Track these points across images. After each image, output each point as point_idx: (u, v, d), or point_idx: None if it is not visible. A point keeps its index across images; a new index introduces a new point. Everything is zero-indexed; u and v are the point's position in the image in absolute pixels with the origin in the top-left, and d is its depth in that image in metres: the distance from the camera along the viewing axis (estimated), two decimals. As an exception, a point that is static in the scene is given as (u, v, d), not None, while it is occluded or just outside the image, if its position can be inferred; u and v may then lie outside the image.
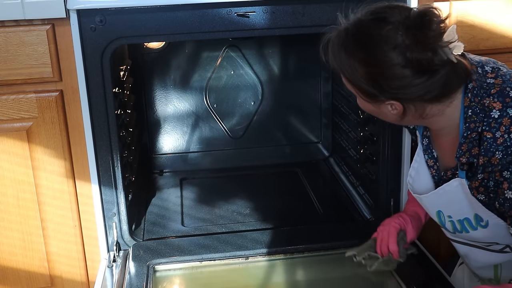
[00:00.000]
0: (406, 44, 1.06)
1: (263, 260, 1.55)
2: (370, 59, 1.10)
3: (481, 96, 1.13)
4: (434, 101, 1.14)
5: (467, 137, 1.15)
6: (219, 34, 1.52)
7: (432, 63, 1.07)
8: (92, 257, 1.70)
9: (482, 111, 1.12)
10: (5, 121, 1.55)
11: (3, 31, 1.48)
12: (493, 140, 1.11)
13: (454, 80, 1.12)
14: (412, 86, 1.10)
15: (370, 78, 1.12)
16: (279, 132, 2.29)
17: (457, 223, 1.29)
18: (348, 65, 1.13)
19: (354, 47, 1.12)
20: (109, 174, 1.58)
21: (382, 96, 1.13)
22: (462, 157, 1.17)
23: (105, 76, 1.50)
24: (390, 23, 1.08)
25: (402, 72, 1.08)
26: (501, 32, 1.67)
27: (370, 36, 1.09)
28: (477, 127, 1.13)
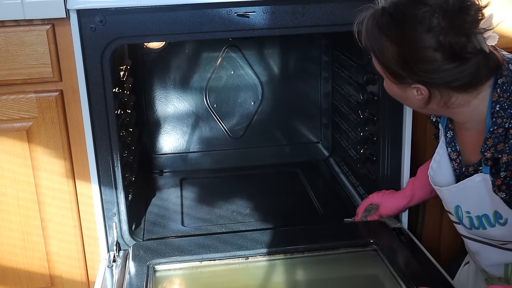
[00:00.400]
0: (442, 26, 1.06)
1: (263, 260, 1.55)
2: (403, 39, 1.10)
3: (510, 92, 1.12)
4: (461, 90, 1.13)
5: (493, 132, 1.14)
6: (219, 34, 1.52)
7: (464, 49, 1.06)
8: (92, 257, 1.70)
9: (511, 107, 1.12)
10: (5, 121, 1.55)
11: (3, 31, 1.48)
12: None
13: (484, 71, 1.11)
14: (441, 71, 1.09)
15: (400, 59, 1.12)
16: (279, 132, 2.29)
17: (475, 219, 1.27)
18: (380, 44, 1.13)
19: (388, 26, 1.12)
20: (109, 174, 1.58)
21: (410, 78, 1.13)
22: (487, 152, 1.16)
23: (105, 76, 1.50)
24: (428, 5, 1.07)
25: (433, 55, 1.08)
26: (501, 32, 1.67)
27: (406, 16, 1.09)
28: (504, 122, 1.12)
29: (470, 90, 1.14)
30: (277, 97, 2.25)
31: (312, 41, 2.19)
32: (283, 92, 2.25)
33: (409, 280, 1.40)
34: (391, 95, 1.24)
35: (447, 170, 1.32)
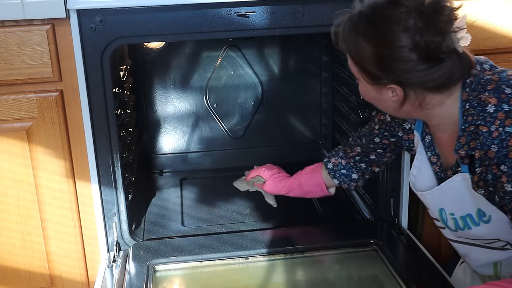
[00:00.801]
0: (418, 26, 1.08)
1: (263, 260, 1.55)
2: (379, 39, 1.12)
3: (478, 91, 1.15)
4: (435, 91, 1.16)
5: (465, 130, 1.17)
6: (219, 34, 1.52)
7: (439, 48, 1.09)
8: (92, 257, 1.70)
9: (479, 105, 1.14)
10: (5, 121, 1.55)
11: (3, 31, 1.48)
12: (488, 134, 1.12)
13: (457, 71, 1.14)
14: (416, 71, 1.11)
15: (376, 59, 1.14)
16: (279, 132, 2.29)
17: (460, 219, 1.29)
18: (356, 45, 1.16)
19: (365, 27, 1.14)
20: (109, 174, 1.58)
21: (385, 78, 1.15)
22: (460, 150, 1.18)
23: (105, 76, 1.50)
24: (404, 6, 1.10)
25: (408, 55, 1.10)
26: (501, 32, 1.67)
27: (382, 17, 1.12)
28: (475, 120, 1.15)
29: (443, 91, 1.16)
30: (277, 97, 2.25)
31: (312, 41, 2.19)
32: (283, 92, 2.25)
33: (409, 280, 1.40)
34: (367, 98, 1.26)
35: (428, 175, 1.34)
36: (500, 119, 1.11)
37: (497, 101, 1.13)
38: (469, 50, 1.18)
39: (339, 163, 1.62)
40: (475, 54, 1.70)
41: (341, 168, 1.62)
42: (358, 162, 1.59)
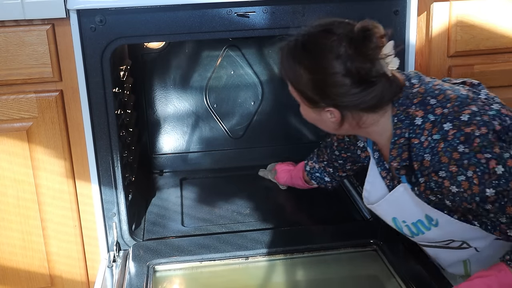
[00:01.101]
0: (348, 54, 1.16)
1: (263, 260, 1.55)
2: (315, 66, 1.20)
3: (406, 105, 1.23)
4: (369, 111, 1.24)
5: (395, 142, 1.25)
6: (219, 34, 1.52)
7: (369, 74, 1.17)
8: (92, 257, 1.70)
9: (407, 119, 1.22)
10: (5, 121, 1.55)
11: (3, 31, 1.48)
12: (420, 145, 1.20)
13: (388, 92, 1.22)
14: (350, 95, 1.19)
15: (313, 85, 1.22)
16: (279, 132, 2.29)
17: (412, 226, 1.36)
18: (294, 72, 1.23)
19: (301, 55, 1.22)
20: (109, 174, 1.58)
21: (323, 102, 1.23)
22: (393, 161, 1.26)
23: (105, 76, 1.50)
24: (336, 34, 1.18)
25: (342, 80, 1.18)
26: (501, 32, 1.67)
27: (316, 45, 1.20)
28: (404, 132, 1.23)
29: (377, 110, 1.24)
30: (277, 97, 2.24)
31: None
32: (283, 92, 2.22)
33: (409, 280, 1.40)
34: (308, 120, 1.33)
35: (381, 189, 1.40)
36: (428, 129, 1.19)
37: (423, 113, 1.21)
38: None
39: (314, 167, 1.77)
40: (475, 54, 1.71)
41: (315, 171, 1.77)
42: (327, 167, 1.73)
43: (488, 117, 1.17)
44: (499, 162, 1.13)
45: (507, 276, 1.18)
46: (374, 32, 1.17)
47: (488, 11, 1.65)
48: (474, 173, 1.13)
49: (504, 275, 1.18)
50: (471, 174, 1.14)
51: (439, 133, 1.17)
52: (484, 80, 1.69)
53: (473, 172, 1.13)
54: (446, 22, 1.65)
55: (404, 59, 1.62)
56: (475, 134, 1.14)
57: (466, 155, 1.14)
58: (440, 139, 1.17)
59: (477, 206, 1.16)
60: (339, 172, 1.71)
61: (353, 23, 1.19)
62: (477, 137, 1.14)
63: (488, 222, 1.22)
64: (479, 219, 1.23)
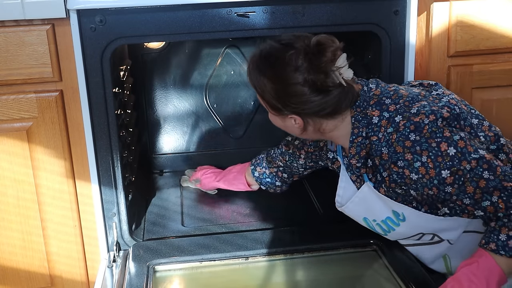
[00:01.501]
0: (305, 67, 1.25)
1: (263, 260, 1.55)
2: (276, 77, 1.29)
3: (363, 107, 1.33)
4: (328, 117, 1.33)
5: (353, 141, 1.34)
6: (219, 34, 1.52)
7: (325, 84, 1.26)
8: (92, 257, 1.70)
9: (365, 119, 1.32)
10: (5, 121, 1.55)
11: (3, 31, 1.48)
12: (378, 141, 1.30)
13: (344, 99, 1.31)
14: (310, 103, 1.29)
15: (275, 94, 1.31)
16: (279, 132, 2.28)
17: (382, 224, 1.42)
18: (259, 82, 1.32)
19: (264, 67, 1.31)
20: (109, 174, 1.58)
21: (286, 110, 1.32)
22: (352, 159, 1.36)
23: (105, 76, 1.50)
24: (294, 48, 1.27)
25: (301, 90, 1.27)
26: (501, 32, 1.67)
27: (277, 59, 1.28)
28: (361, 131, 1.33)
29: (336, 116, 1.33)
30: (277, 97, 2.24)
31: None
32: (283, 92, 2.24)
33: (409, 280, 1.40)
34: (275, 125, 1.42)
35: (353, 193, 1.46)
36: (384, 125, 1.29)
37: (379, 112, 1.31)
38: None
39: (264, 172, 1.82)
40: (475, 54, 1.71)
41: (265, 177, 1.82)
42: (281, 172, 1.80)
43: (437, 107, 1.28)
44: (450, 144, 1.22)
45: (488, 260, 1.23)
46: (328, 46, 1.26)
47: (488, 11, 1.65)
48: (428, 158, 1.22)
49: (485, 259, 1.23)
50: (426, 159, 1.22)
51: (392, 126, 1.28)
52: (484, 80, 1.70)
53: (427, 156, 1.22)
54: (446, 22, 1.65)
55: (404, 59, 1.62)
56: (424, 122, 1.24)
57: (417, 142, 1.23)
58: (393, 131, 1.27)
59: (438, 190, 1.24)
60: (294, 177, 1.82)
61: (310, 37, 1.28)
62: (426, 125, 1.24)
63: (455, 206, 1.29)
64: (446, 204, 1.31)
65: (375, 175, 1.36)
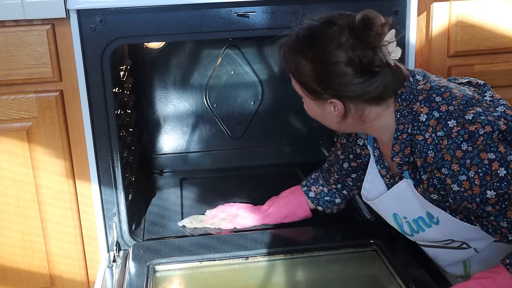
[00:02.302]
0: (350, 43, 1.16)
1: (263, 260, 1.55)
2: (317, 56, 1.20)
3: (410, 101, 1.23)
4: (372, 103, 1.23)
5: (398, 138, 1.24)
6: (219, 34, 1.52)
7: (372, 62, 1.17)
8: (92, 257, 1.70)
9: (411, 114, 1.22)
10: (5, 121, 1.55)
11: (3, 31, 1.48)
12: (424, 141, 1.19)
13: (391, 82, 1.21)
14: (353, 85, 1.19)
15: (315, 75, 1.21)
16: (279, 132, 2.29)
17: (413, 223, 1.36)
18: (296, 64, 1.23)
19: (302, 46, 1.22)
20: (109, 174, 1.58)
21: (326, 93, 1.22)
22: (395, 157, 1.26)
23: (105, 76, 1.50)
24: (337, 25, 1.18)
25: (344, 69, 1.17)
26: (501, 32, 1.67)
27: (318, 36, 1.20)
28: (406, 128, 1.23)
29: (380, 103, 1.24)
30: (277, 97, 2.24)
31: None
32: (283, 92, 2.24)
33: (409, 280, 1.40)
34: (312, 115, 1.32)
35: (380, 187, 1.41)
36: (432, 126, 1.19)
37: (428, 110, 1.21)
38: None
39: (321, 191, 1.67)
40: (475, 54, 1.71)
41: (324, 195, 1.67)
42: (341, 189, 1.65)
43: (493, 117, 1.17)
44: (502, 164, 1.12)
45: (505, 279, 1.17)
46: (375, 20, 1.17)
47: (488, 11, 1.65)
48: (476, 174, 1.13)
49: (503, 277, 1.18)
50: (473, 174, 1.13)
51: (443, 129, 1.17)
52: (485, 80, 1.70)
53: (475, 172, 1.13)
54: (446, 22, 1.65)
55: (404, 59, 1.62)
56: (479, 133, 1.14)
57: (469, 154, 1.13)
58: (444, 136, 1.16)
59: (478, 207, 1.16)
60: (353, 191, 1.66)
61: (354, 14, 1.20)
62: (481, 135, 1.14)
63: (489, 225, 1.20)
64: (480, 221, 1.22)
65: (415, 173, 1.27)
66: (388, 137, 1.29)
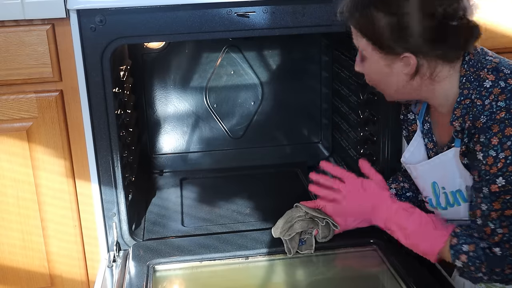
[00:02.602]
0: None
1: (263, 260, 1.55)
2: (392, 7, 1.14)
3: (476, 68, 1.20)
4: (446, 60, 1.19)
5: (461, 102, 1.21)
6: (219, 34, 1.51)
7: (454, 13, 1.12)
8: (92, 257, 1.70)
9: (476, 80, 1.19)
10: (5, 121, 1.55)
11: (3, 31, 1.48)
12: (482, 106, 1.16)
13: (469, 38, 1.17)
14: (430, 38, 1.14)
15: (392, 29, 1.15)
16: (279, 132, 2.29)
17: (450, 195, 1.33)
18: (368, 17, 1.17)
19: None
20: (109, 174, 1.58)
21: (400, 48, 1.17)
22: (455, 121, 1.22)
23: (105, 76, 1.50)
24: None
25: (422, 21, 1.12)
26: (501, 32, 1.67)
27: None
28: (470, 94, 1.19)
29: (454, 61, 1.20)
30: (277, 97, 2.25)
31: (312, 41, 2.19)
32: (283, 92, 2.25)
33: (409, 280, 1.40)
34: (373, 78, 1.27)
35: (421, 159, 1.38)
36: (495, 94, 1.15)
37: (494, 78, 1.17)
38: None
39: (402, 187, 1.57)
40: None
41: (405, 191, 1.57)
42: None
43: None
44: None
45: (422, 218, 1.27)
46: None
47: (488, 11, 1.65)
48: (505, 159, 1.12)
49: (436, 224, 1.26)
50: (503, 157, 1.12)
51: (506, 101, 1.14)
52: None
53: (505, 157, 1.12)
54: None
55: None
56: None
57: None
58: (503, 108, 1.13)
59: (481, 181, 1.17)
60: None
61: None
62: None
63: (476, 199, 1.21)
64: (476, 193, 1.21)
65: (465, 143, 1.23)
66: (448, 103, 1.25)
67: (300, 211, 1.52)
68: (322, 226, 1.50)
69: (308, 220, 1.51)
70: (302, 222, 1.51)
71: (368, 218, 1.48)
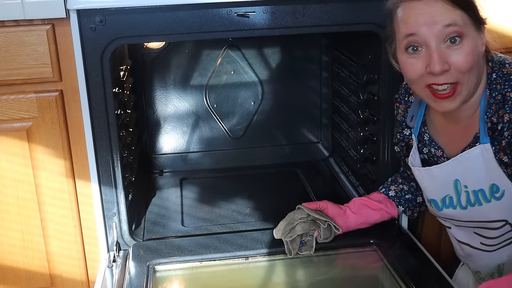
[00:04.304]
0: None
1: (263, 260, 1.55)
2: None
3: (499, 66, 1.25)
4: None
5: (495, 97, 1.24)
6: (219, 34, 1.52)
7: None
8: (92, 257, 1.70)
9: (504, 76, 1.23)
10: (5, 121, 1.55)
11: (3, 31, 1.48)
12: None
13: None
14: None
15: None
16: (279, 132, 2.29)
17: (472, 194, 1.32)
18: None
19: None
20: (109, 174, 1.58)
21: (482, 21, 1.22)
22: (493, 116, 1.24)
23: (105, 76, 1.50)
24: None
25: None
26: (501, 32, 1.67)
27: None
28: (502, 89, 1.22)
29: None
30: (277, 97, 2.25)
31: (312, 41, 2.19)
32: (283, 92, 2.25)
33: (409, 280, 1.40)
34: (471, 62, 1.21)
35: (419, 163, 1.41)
36: None
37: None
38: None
39: (402, 189, 1.58)
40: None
41: (405, 193, 1.58)
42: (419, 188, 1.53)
43: None
44: None
45: None
46: None
47: (488, 11, 1.64)
48: None
49: None
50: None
51: None
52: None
53: None
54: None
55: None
56: None
57: None
58: None
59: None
60: None
61: None
62: None
63: None
64: None
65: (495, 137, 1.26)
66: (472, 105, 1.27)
67: (302, 213, 1.52)
68: (323, 228, 1.51)
69: (310, 222, 1.51)
70: (303, 224, 1.51)
71: None
